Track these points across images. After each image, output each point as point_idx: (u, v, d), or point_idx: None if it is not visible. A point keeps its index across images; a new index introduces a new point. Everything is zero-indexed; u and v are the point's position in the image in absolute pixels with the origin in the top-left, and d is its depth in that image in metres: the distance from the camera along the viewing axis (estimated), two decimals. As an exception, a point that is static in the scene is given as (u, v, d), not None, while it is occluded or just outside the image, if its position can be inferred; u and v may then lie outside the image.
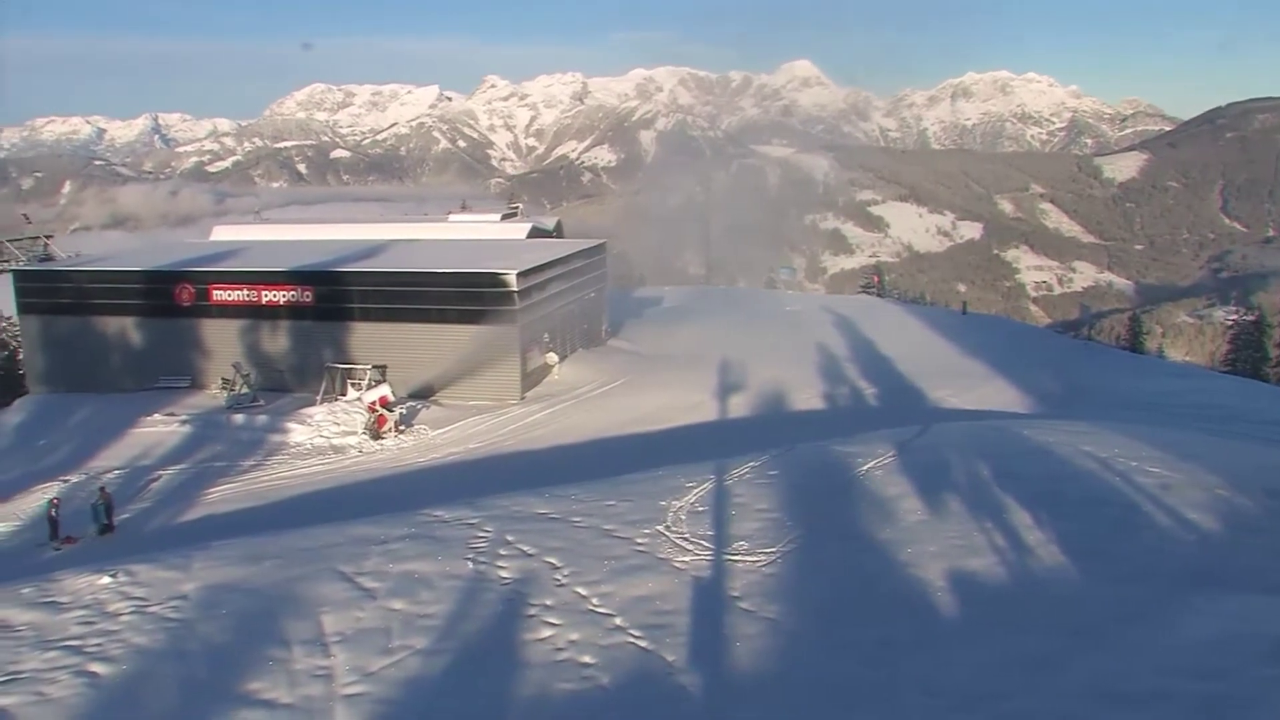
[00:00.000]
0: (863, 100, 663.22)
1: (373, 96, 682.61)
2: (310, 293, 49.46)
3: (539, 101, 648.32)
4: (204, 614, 14.65)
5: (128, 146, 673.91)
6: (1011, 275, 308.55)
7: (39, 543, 30.45)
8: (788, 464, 20.79)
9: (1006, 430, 24.04)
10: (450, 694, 12.04)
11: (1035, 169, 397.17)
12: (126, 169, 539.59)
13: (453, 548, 16.62)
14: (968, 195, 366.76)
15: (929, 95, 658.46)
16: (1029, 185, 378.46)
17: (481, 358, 46.50)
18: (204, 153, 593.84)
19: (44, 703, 12.34)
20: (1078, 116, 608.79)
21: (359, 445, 40.86)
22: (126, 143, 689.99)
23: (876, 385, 46.49)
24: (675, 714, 11.32)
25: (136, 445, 42.05)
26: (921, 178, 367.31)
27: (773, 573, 14.76)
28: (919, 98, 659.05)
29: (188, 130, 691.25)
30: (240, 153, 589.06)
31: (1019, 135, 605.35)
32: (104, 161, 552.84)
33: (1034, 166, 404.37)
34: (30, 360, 56.19)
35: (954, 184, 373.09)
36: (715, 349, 52.30)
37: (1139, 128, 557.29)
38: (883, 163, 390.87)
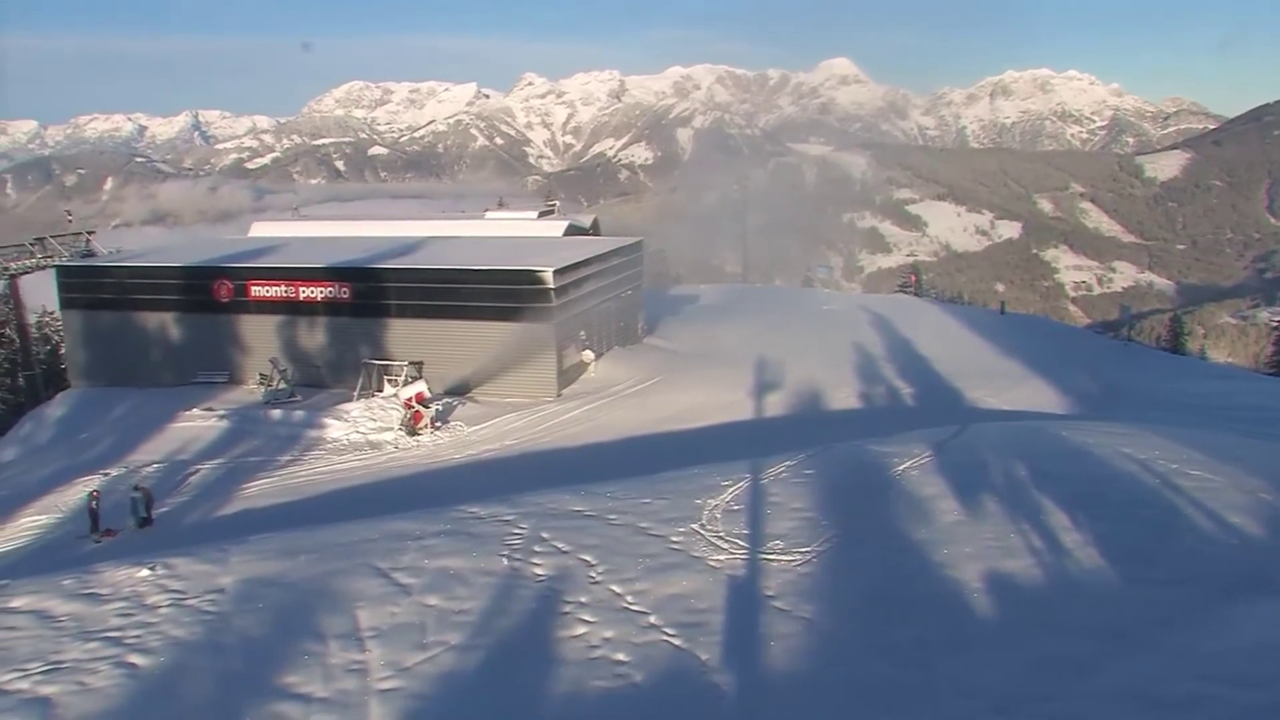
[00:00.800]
0: (901, 98, 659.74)
1: (410, 94, 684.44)
2: (347, 289, 49.67)
3: (576, 99, 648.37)
4: (240, 608, 14.73)
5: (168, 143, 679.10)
6: (1050, 275, 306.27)
7: (80, 535, 30.77)
8: (824, 463, 20.69)
9: (1044, 431, 23.83)
10: (484, 690, 12.05)
11: (1075, 168, 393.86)
12: (167, 166, 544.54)
13: (488, 544, 16.63)
14: (1006, 194, 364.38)
15: (968, 93, 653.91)
16: (1069, 184, 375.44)
17: (518, 355, 46.55)
18: (243, 150, 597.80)
19: (85, 692, 12.48)
20: (1119, 115, 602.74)
21: (395, 441, 40.98)
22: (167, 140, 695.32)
23: (913, 385, 46.23)
24: (709, 713, 11.28)
25: (175, 440, 42.36)
26: (960, 176, 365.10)
27: (808, 572, 14.68)
28: (958, 96, 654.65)
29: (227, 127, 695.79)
30: (279, 150, 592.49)
31: (1059, 134, 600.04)
32: (145, 158, 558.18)
33: (1074, 165, 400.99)
34: (72, 354, 56.76)
35: (992, 183, 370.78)
36: (751, 347, 52.14)
37: (1182, 126, 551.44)
38: (921, 161, 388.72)
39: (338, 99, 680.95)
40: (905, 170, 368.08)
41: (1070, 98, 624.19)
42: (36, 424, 49.31)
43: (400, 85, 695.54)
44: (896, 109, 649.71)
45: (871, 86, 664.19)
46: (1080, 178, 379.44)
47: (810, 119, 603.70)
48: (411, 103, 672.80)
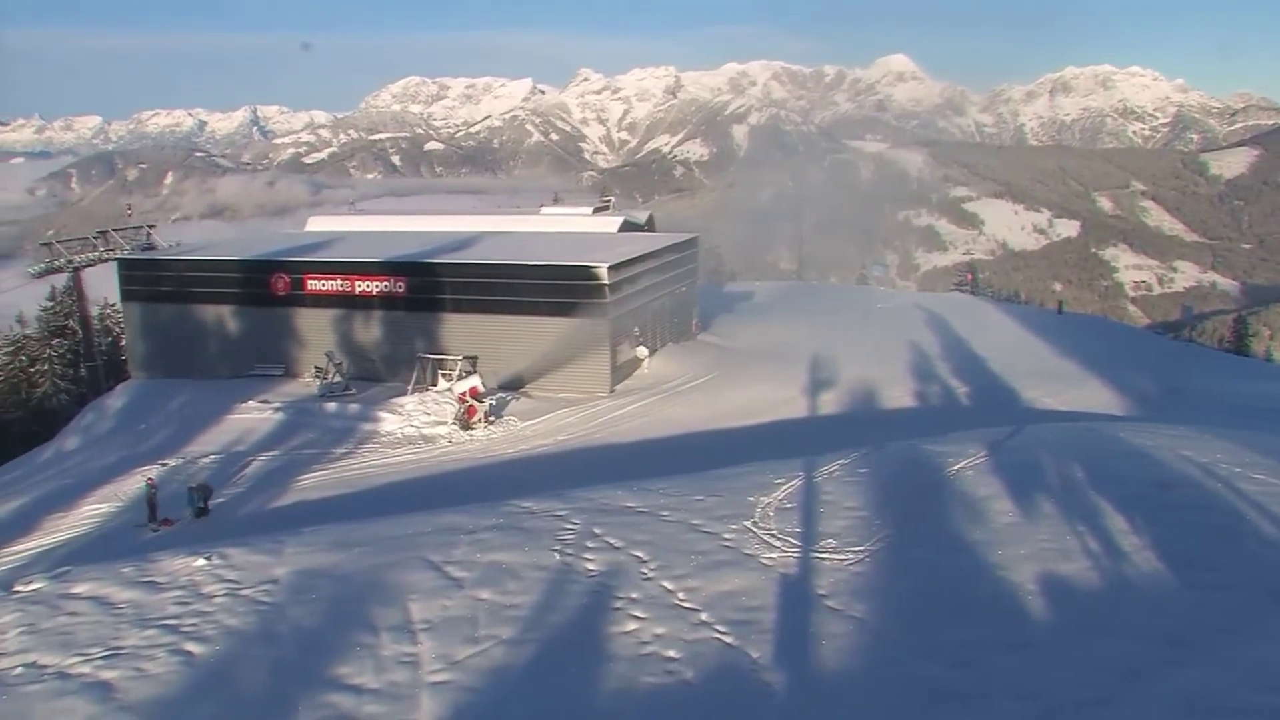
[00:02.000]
0: (959, 95, 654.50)
1: (467, 89, 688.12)
2: (403, 283, 49.95)
3: (632, 95, 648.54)
4: (294, 598, 14.82)
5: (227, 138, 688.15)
6: (1109, 274, 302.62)
7: (138, 524, 31.18)
8: (877, 462, 20.53)
9: (1102, 432, 23.52)
10: (535, 684, 12.03)
11: (1136, 165, 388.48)
12: (226, 160, 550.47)
13: (540, 539, 16.63)
14: (1065, 192, 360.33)
15: (1027, 90, 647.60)
16: (1129, 182, 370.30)
17: (572, 350, 46.63)
18: (301, 144, 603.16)
19: (143, 678, 12.60)
20: (1183, 111, 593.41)
21: (449, 435, 41.15)
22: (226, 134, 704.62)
23: (968, 384, 45.85)
24: (759, 711, 11.19)
25: (232, 431, 42.79)
26: (1018, 174, 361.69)
27: (860, 571, 14.55)
28: (1016, 93, 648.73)
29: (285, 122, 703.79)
30: (336, 144, 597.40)
31: (1120, 131, 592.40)
32: (204, 153, 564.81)
33: (1135, 163, 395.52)
34: (132, 346, 57.53)
35: (1051, 181, 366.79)
36: (805, 345, 51.95)
37: (1250, 122, 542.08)
38: (978, 159, 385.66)
39: (394, 94, 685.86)
40: (962, 168, 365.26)
41: (1132, 94, 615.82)
42: (98, 414, 50.03)
43: (456, 81, 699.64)
44: (954, 106, 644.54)
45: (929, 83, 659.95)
46: (1142, 175, 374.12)
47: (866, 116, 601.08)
48: (468, 98, 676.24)
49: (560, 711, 11.47)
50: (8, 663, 13.27)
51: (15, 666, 13.12)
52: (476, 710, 11.53)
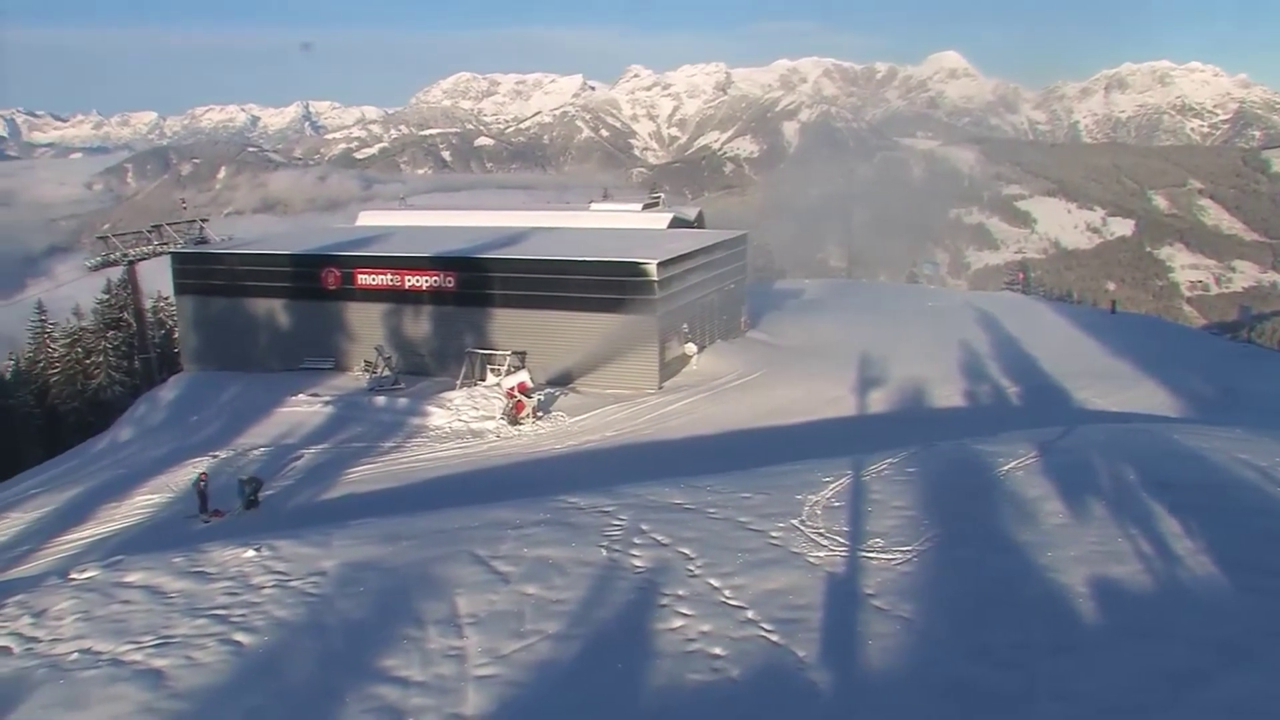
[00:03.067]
0: (1011, 92, 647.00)
1: (517, 85, 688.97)
2: (452, 278, 50.16)
3: (682, 91, 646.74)
4: (342, 591, 14.91)
5: (280, 133, 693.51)
6: (1165, 274, 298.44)
7: (189, 515, 31.53)
8: (926, 461, 20.38)
9: (1155, 434, 23.24)
10: (580, 680, 12.03)
11: (1194, 163, 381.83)
12: (278, 155, 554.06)
13: (587, 535, 16.63)
14: (1120, 191, 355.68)
15: (1081, 87, 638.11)
16: (1187, 180, 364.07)
17: (620, 346, 46.65)
18: (352, 140, 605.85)
19: (193, 667, 12.74)
20: (1245, 107, 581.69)
21: (497, 430, 41.30)
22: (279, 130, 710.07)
23: (1019, 384, 45.48)
24: (804, 710, 11.14)
25: (281, 424, 43.17)
26: (1071, 172, 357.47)
27: (908, 571, 14.44)
28: (1070, 90, 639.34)
29: (337, 118, 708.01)
30: (387, 140, 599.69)
31: (1177, 128, 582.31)
32: (257, 148, 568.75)
33: (1193, 160, 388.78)
34: (185, 339, 58.22)
35: (1105, 179, 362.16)
36: (855, 343, 51.73)
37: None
38: (1031, 156, 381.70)
39: (445, 90, 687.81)
40: (1014, 166, 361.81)
41: (1191, 90, 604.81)
42: (151, 406, 50.64)
43: (507, 77, 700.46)
44: (1006, 103, 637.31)
45: (981, 80, 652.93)
46: (1199, 173, 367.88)
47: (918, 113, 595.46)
48: (518, 94, 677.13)
49: (605, 707, 11.47)
50: (64, 648, 13.53)
51: (71, 652, 13.37)
52: (522, 704, 11.56)
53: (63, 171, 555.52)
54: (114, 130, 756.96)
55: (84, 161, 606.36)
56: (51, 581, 16.57)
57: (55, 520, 33.88)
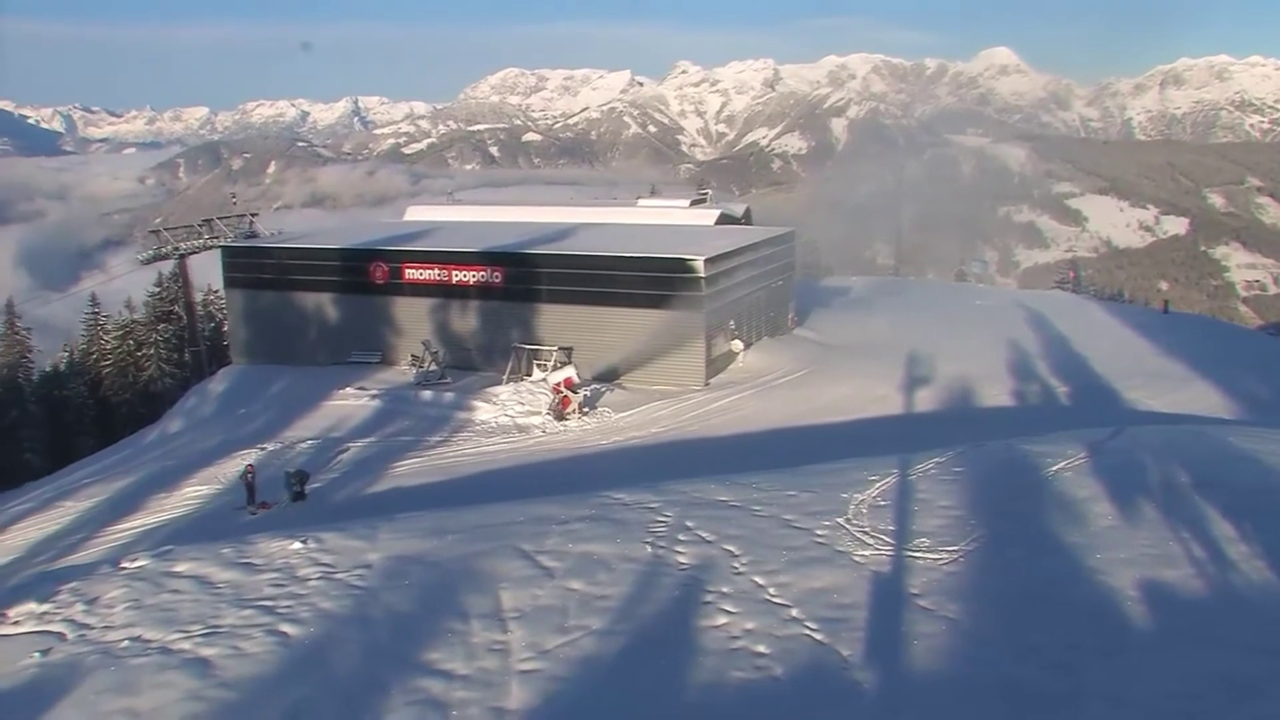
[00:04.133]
0: (1063, 88, 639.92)
1: (565, 81, 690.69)
2: (500, 273, 50.28)
3: (730, 87, 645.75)
4: (387, 583, 15.00)
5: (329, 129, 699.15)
6: (1219, 273, 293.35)
7: (237, 506, 31.79)
8: (974, 461, 20.21)
9: (1208, 436, 22.89)
10: (624, 675, 12.04)
11: (1253, 160, 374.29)
12: (327, 150, 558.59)
13: (632, 531, 16.63)
14: (1174, 189, 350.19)
15: (1135, 83, 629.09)
16: (1244, 178, 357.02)
17: (667, 343, 46.61)
18: (400, 135, 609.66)
19: (240, 657, 12.92)
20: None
21: (543, 425, 41.36)
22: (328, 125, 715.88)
23: (1069, 384, 44.93)
24: (848, 709, 11.08)
25: (329, 417, 43.47)
26: (1124, 170, 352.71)
27: (954, 571, 14.32)
28: (1124, 86, 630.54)
29: (385, 113, 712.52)
30: (435, 135, 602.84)
31: (1235, 124, 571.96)
32: (306, 143, 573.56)
33: (1251, 157, 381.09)
34: (234, 332, 58.77)
35: (1159, 177, 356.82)
36: (902, 341, 51.36)
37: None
38: (1082, 154, 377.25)
39: (493, 85, 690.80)
40: (1066, 163, 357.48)
41: (1251, 85, 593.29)
42: (200, 398, 51.16)
43: (555, 72, 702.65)
44: (1058, 100, 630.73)
45: (1032, 76, 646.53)
46: (1258, 170, 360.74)
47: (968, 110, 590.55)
48: (566, 90, 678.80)
49: (649, 704, 11.46)
50: (115, 635, 13.83)
51: (122, 640, 13.67)
52: (565, 699, 11.57)
53: (116, 166, 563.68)
54: (166, 126, 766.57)
55: (137, 156, 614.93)
56: (103, 570, 16.86)
57: (107, 510, 34.32)
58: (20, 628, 14.54)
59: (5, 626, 14.67)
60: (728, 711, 11.20)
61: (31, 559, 30.32)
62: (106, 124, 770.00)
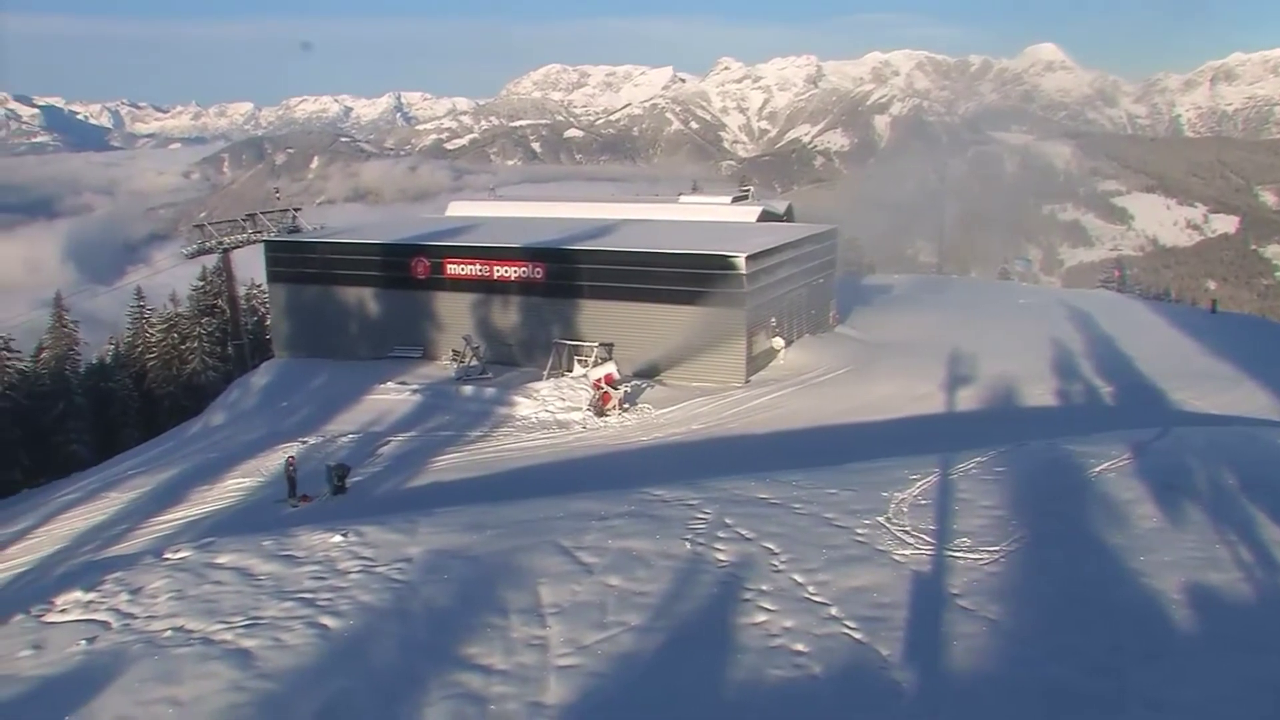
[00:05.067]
0: (1110, 85, 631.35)
1: (607, 77, 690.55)
2: (541, 269, 50.33)
3: (772, 84, 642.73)
4: (427, 578, 15.06)
5: (371, 124, 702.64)
6: (1270, 273, 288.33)
7: (278, 499, 32.02)
8: (1016, 461, 20.06)
9: (1257, 437, 22.62)
10: (662, 672, 12.03)
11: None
12: (370, 145, 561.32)
13: (671, 527, 16.61)
14: (1224, 186, 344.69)
15: (1185, 79, 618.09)
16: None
17: (707, 339, 46.50)
18: (443, 130, 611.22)
19: (280, 648, 13.03)
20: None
21: (583, 421, 41.37)
22: (370, 120, 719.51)
23: (1113, 383, 44.40)
24: (888, 709, 11.03)
25: (370, 411, 43.68)
26: (1171, 167, 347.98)
27: (995, 571, 14.22)
28: (1173, 82, 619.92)
29: (428, 109, 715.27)
30: (477, 131, 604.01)
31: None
32: (349, 138, 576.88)
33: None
34: (276, 326, 59.18)
35: (1208, 174, 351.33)
36: (944, 340, 50.99)
37: None
38: (1129, 151, 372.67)
39: (535, 81, 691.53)
40: (1112, 161, 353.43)
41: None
42: (243, 391, 51.52)
43: (597, 68, 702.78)
44: (1105, 96, 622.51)
45: (1079, 73, 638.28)
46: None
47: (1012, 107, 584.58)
48: (608, 86, 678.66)
49: (687, 700, 11.45)
50: (159, 625, 14.02)
51: (165, 629, 13.86)
52: (603, 695, 11.58)
53: (162, 161, 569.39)
54: (211, 121, 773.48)
55: (183, 151, 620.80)
56: (147, 560, 17.05)
57: (151, 501, 34.67)
58: (67, 615, 14.79)
59: (53, 614, 14.91)
60: (766, 709, 11.17)
61: (78, 548, 30.70)
62: (153, 119, 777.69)
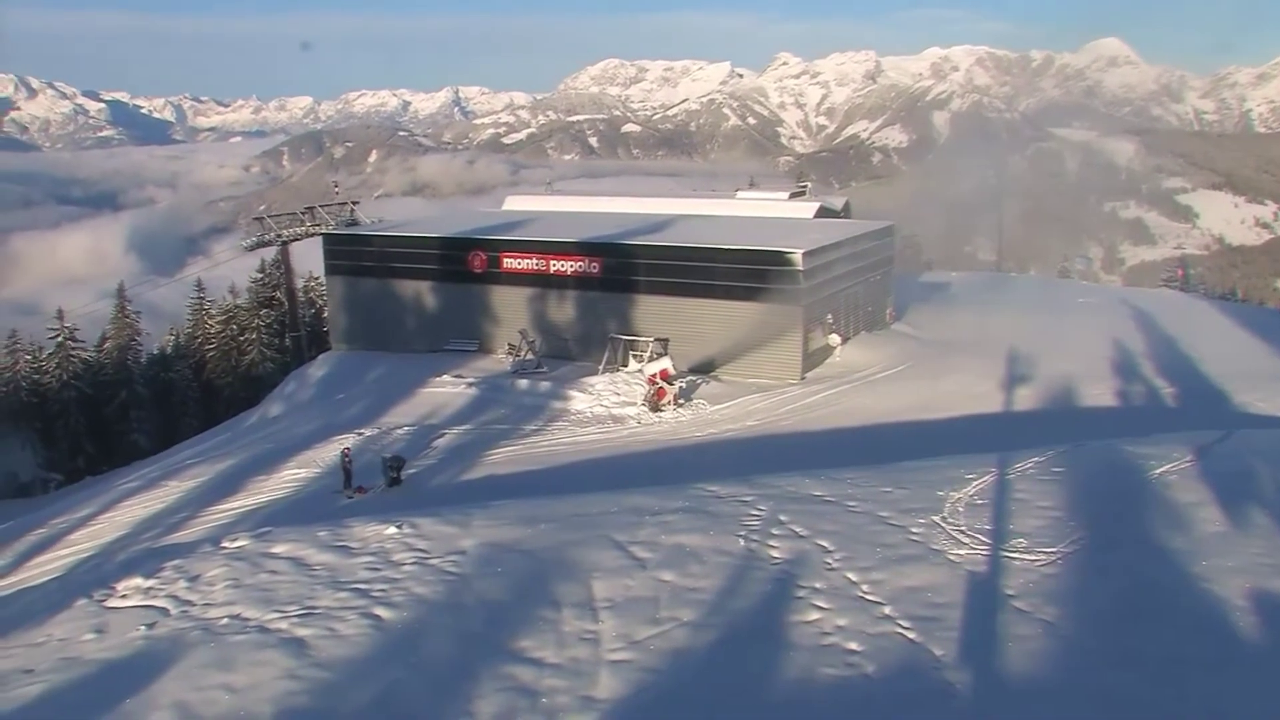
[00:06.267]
0: (1176, 80, 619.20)
1: (665, 72, 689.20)
2: (597, 264, 50.35)
3: (830, 79, 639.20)
4: (480, 570, 15.13)
5: (429, 118, 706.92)
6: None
7: (334, 490, 32.17)
8: (1074, 461, 19.80)
9: (1325, 440, 22.23)
10: (714, 668, 12.01)
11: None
12: (427, 140, 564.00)
13: (725, 524, 16.56)
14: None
15: (1257, 73, 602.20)
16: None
17: (763, 336, 46.32)
18: (500, 125, 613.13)
19: (335, 638, 13.17)
20: None
21: (638, 416, 41.32)
22: (429, 114, 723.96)
23: (1176, 385, 43.70)
24: (941, 710, 10.92)
25: (425, 404, 43.86)
26: (1240, 164, 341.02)
27: (1052, 573, 14.03)
28: (1243, 76, 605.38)
29: (486, 103, 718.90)
30: (534, 125, 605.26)
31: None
32: (407, 132, 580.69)
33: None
34: (334, 318, 59.67)
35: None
36: (1002, 338, 50.46)
37: None
38: (1195, 148, 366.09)
39: (593, 76, 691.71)
40: (1177, 157, 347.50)
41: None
42: (300, 383, 52.00)
43: (655, 63, 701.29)
44: (1170, 92, 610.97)
45: (1143, 68, 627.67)
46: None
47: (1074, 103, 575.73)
48: (665, 81, 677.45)
49: (739, 697, 11.41)
50: (216, 613, 14.25)
51: (222, 617, 14.08)
52: (655, 690, 11.56)
53: (223, 155, 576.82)
54: (271, 115, 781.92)
55: (243, 145, 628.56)
56: (205, 549, 17.29)
57: (209, 490, 35.00)
58: (128, 601, 15.09)
59: (114, 599, 15.19)
60: (818, 708, 11.11)
61: (138, 536, 31.08)
62: (215, 113, 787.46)
